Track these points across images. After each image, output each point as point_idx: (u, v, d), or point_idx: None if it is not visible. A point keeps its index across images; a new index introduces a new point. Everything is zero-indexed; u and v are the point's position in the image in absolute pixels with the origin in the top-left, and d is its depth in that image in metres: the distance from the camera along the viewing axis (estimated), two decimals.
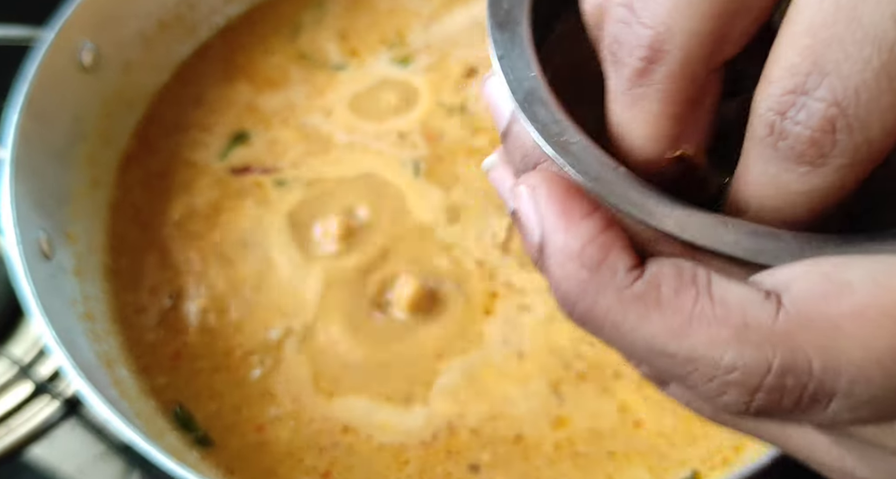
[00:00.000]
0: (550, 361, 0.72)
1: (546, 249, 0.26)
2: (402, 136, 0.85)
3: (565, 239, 0.25)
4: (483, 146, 0.83)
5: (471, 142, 0.84)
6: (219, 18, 0.93)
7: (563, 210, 0.25)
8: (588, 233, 0.25)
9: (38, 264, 0.68)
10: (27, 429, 0.81)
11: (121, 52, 0.83)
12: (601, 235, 0.25)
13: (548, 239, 0.26)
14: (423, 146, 0.84)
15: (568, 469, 0.68)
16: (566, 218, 0.25)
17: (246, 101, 0.87)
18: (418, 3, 0.95)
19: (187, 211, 0.80)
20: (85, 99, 0.80)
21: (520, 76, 0.27)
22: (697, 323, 0.24)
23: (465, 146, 0.84)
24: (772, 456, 0.58)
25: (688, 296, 0.24)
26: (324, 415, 0.70)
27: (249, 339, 0.73)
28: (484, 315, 0.74)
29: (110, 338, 0.73)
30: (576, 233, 0.25)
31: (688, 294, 0.24)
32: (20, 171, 0.70)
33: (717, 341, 0.23)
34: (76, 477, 0.79)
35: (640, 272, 0.25)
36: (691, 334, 0.24)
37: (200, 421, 0.70)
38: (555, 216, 0.25)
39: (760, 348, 0.23)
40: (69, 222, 0.76)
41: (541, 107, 0.26)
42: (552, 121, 0.26)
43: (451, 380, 0.71)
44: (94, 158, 0.81)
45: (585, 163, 0.25)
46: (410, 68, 0.89)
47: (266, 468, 0.68)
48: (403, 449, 0.69)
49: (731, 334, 0.23)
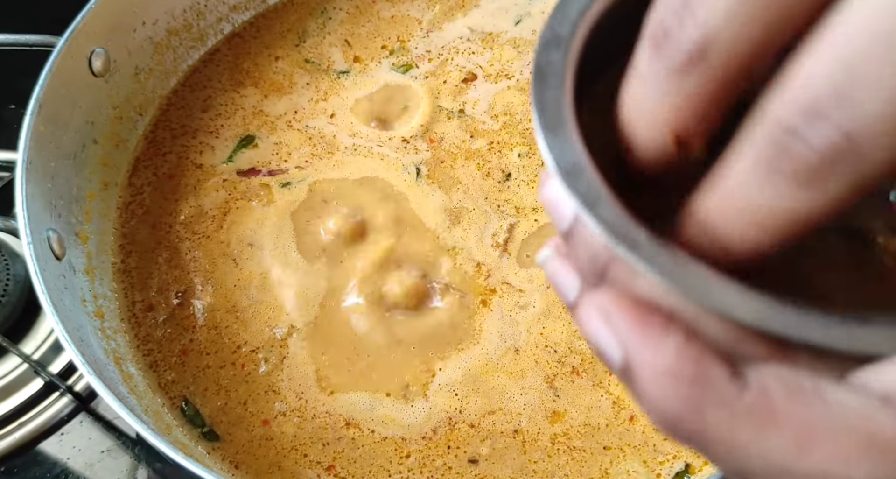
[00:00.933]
0: (545, 356, 0.74)
1: (634, 369, 0.24)
2: (404, 139, 0.86)
3: (654, 356, 0.24)
4: (481, 149, 0.85)
5: (470, 145, 0.86)
6: (226, 26, 0.94)
7: (642, 326, 0.24)
8: (675, 346, 0.24)
9: (50, 263, 0.70)
10: (38, 424, 0.83)
11: (131, 59, 0.85)
12: (688, 347, 0.24)
13: (634, 359, 0.24)
14: (424, 149, 0.85)
15: (564, 462, 0.69)
16: (648, 334, 0.24)
17: (252, 105, 0.89)
18: (419, 11, 0.97)
19: (195, 212, 0.82)
20: (96, 103, 0.81)
21: (575, 174, 0.25)
22: (821, 437, 0.22)
23: (464, 149, 0.86)
24: None
25: (803, 405, 0.22)
26: (327, 410, 0.72)
27: (255, 336, 0.75)
28: (483, 312, 0.76)
29: (119, 335, 0.75)
30: (664, 348, 0.24)
31: (803, 402, 0.22)
32: (32, 173, 0.71)
33: (848, 456, 0.22)
34: (85, 472, 0.81)
35: (744, 382, 0.23)
36: (816, 450, 0.22)
37: (207, 416, 0.72)
38: (636, 334, 0.24)
39: (893, 461, 0.21)
40: (80, 223, 0.78)
41: (604, 206, 0.25)
42: (616, 219, 0.24)
43: (451, 376, 0.73)
44: (105, 160, 0.83)
45: (658, 261, 0.24)
46: (411, 74, 0.91)
47: (271, 461, 0.70)
48: (405, 443, 0.70)
49: (861, 448, 0.22)
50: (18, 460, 0.81)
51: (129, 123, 0.86)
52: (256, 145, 0.86)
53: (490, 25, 0.95)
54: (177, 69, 0.91)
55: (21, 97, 0.74)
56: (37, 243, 0.68)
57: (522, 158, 0.84)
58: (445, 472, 0.69)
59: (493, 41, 0.94)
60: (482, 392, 0.72)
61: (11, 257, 0.90)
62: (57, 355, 0.87)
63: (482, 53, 0.93)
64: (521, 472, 0.69)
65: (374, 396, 0.72)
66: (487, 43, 0.94)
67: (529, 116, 0.88)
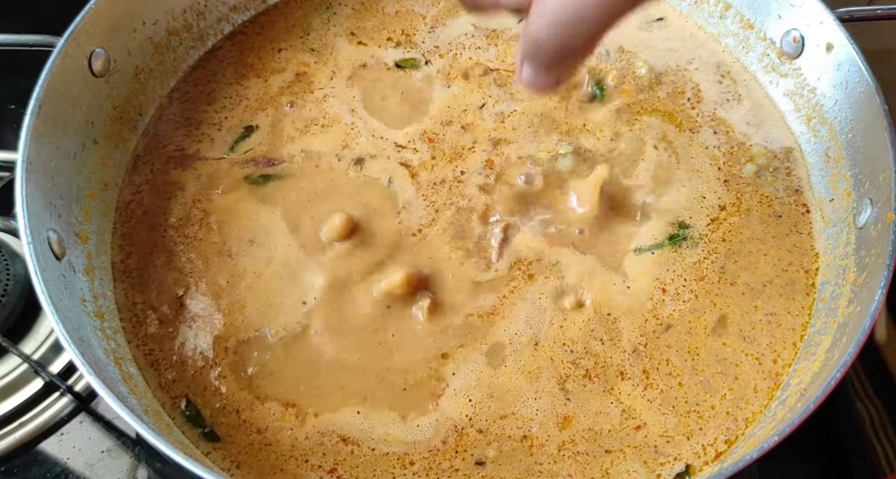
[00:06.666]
0: (561, 354, 0.74)
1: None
2: (405, 136, 0.86)
3: None
4: (481, 145, 0.85)
5: (470, 143, 0.86)
6: (226, 26, 0.94)
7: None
8: None
9: (50, 263, 0.70)
10: (38, 424, 0.83)
11: (131, 59, 0.85)
12: None
13: None
14: (423, 147, 0.85)
15: (568, 466, 0.69)
16: None
17: (256, 94, 0.89)
18: (423, 6, 0.97)
19: (193, 208, 0.82)
20: (96, 104, 0.81)
21: None
22: None
23: (464, 147, 0.85)
24: (762, 450, 0.60)
25: None
26: (319, 431, 0.71)
27: (251, 335, 0.74)
28: (489, 313, 0.76)
29: (119, 335, 0.75)
30: None
31: None
32: (32, 173, 0.71)
33: None
34: (85, 472, 0.81)
35: None
36: None
37: (207, 417, 0.72)
38: None
39: None
40: (80, 223, 0.77)
41: None
42: None
43: (465, 380, 0.73)
44: (106, 160, 0.82)
45: None
46: (416, 68, 0.91)
47: (273, 464, 0.70)
48: (412, 449, 0.70)
49: None
50: (18, 460, 0.81)
51: (130, 123, 0.86)
52: (257, 137, 0.86)
53: (494, 22, 0.95)
54: (177, 69, 0.91)
55: (21, 97, 0.74)
56: (37, 243, 0.68)
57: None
58: (452, 474, 0.69)
59: (497, 37, 0.94)
60: (497, 396, 0.72)
61: (11, 256, 0.90)
62: (57, 355, 0.87)
63: (487, 49, 0.93)
64: (526, 473, 0.69)
65: (374, 410, 0.72)
66: (492, 39, 0.94)
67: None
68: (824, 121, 0.83)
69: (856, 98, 0.78)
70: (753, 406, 0.72)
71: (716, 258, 0.79)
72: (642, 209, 0.81)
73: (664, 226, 0.80)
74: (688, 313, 0.76)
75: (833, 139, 0.82)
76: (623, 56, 0.92)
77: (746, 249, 0.79)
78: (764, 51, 0.90)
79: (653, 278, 0.78)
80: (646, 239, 0.80)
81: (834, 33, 0.80)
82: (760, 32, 0.90)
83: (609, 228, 0.80)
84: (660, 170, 0.84)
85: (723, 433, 0.71)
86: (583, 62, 0.57)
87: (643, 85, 0.90)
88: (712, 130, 0.87)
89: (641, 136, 0.86)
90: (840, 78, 0.80)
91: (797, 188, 0.83)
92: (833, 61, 0.81)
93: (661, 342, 0.74)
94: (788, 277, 0.78)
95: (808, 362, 0.72)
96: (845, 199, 0.78)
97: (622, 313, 0.76)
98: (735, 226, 0.81)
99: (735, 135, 0.87)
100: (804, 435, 0.61)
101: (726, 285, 0.77)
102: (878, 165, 0.73)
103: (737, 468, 0.60)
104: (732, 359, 0.74)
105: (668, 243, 0.79)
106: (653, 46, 0.93)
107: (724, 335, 0.75)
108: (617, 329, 0.75)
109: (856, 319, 0.68)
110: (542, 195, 0.82)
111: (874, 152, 0.74)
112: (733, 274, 0.78)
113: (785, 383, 0.72)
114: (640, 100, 0.89)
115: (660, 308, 0.76)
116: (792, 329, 0.75)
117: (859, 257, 0.73)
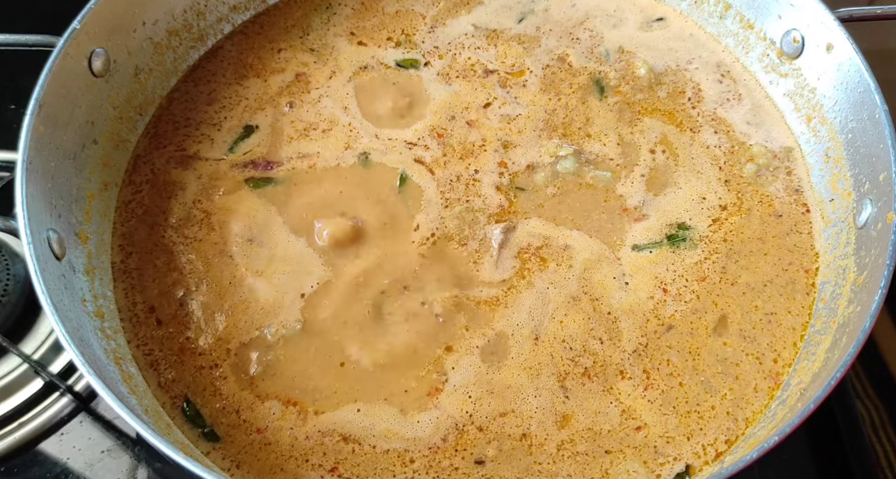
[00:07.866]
0: (561, 351, 0.74)
1: None
2: (409, 134, 0.86)
3: None
4: (489, 143, 0.85)
5: (474, 141, 0.86)
6: (226, 26, 0.94)
7: None
8: None
9: (50, 263, 0.70)
10: (38, 424, 0.83)
11: (131, 59, 0.85)
12: None
13: None
14: (430, 145, 0.85)
15: (568, 466, 0.69)
16: None
17: (255, 94, 0.89)
18: (423, 6, 0.97)
19: (193, 208, 0.81)
20: (96, 104, 0.81)
21: None
22: None
23: (470, 146, 0.85)
24: (762, 450, 0.60)
25: None
26: (320, 430, 0.71)
27: (252, 335, 0.75)
28: (495, 308, 0.76)
29: (119, 335, 0.75)
30: None
31: None
32: (32, 173, 0.71)
33: None
34: (85, 472, 0.81)
35: None
36: None
37: (207, 417, 0.72)
38: None
39: None
40: (80, 223, 0.77)
41: None
42: None
43: (464, 376, 0.73)
44: (106, 160, 0.82)
45: None
46: (416, 68, 0.91)
47: (273, 463, 0.70)
48: (408, 451, 0.70)
49: None
50: (18, 460, 0.81)
51: (130, 123, 0.86)
52: (257, 138, 0.86)
53: (494, 22, 0.95)
54: (177, 69, 0.91)
55: (21, 97, 0.74)
56: (37, 243, 0.68)
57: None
58: (452, 473, 0.69)
59: (497, 38, 0.94)
60: (497, 393, 0.72)
61: (11, 256, 0.90)
62: (57, 355, 0.87)
63: (487, 49, 0.93)
64: (526, 473, 0.69)
65: (375, 406, 0.72)
66: (492, 39, 0.94)
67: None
68: (824, 121, 0.83)
69: (856, 98, 0.78)
70: (754, 406, 0.72)
71: (717, 258, 0.79)
72: (642, 209, 0.81)
73: (662, 226, 0.81)
74: (689, 313, 0.76)
75: (833, 139, 0.82)
76: (623, 56, 0.92)
77: (747, 248, 0.80)
78: (764, 51, 0.90)
79: (652, 277, 0.78)
80: (643, 238, 0.80)
81: (834, 33, 0.80)
82: (760, 32, 0.90)
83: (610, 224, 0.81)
84: (660, 170, 0.84)
85: (723, 433, 0.71)
86: None
87: (643, 85, 0.90)
88: (713, 129, 0.87)
89: (642, 136, 0.86)
90: (840, 78, 0.80)
91: (797, 188, 0.83)
92: (833, 61, 0.81)
93: (662, 343, 0.75)
94: (789, 276, 0.78)
95: (808, 362, 0.72)
96: (845, 199, 0.78)
97: (622, 313, 0.76)
98: (736, 226, 0.81)
99: (735, 134, 0.87)
100: (804, 435, 0.61)
101: (727, 285, 0.77)
102: (878, 165, 0.74)
103: (737, 468, 0.60)
104: (733, 359, 0.74)
105: (667, 243, 0.79)
106: (653, 46, 0.93)
107: (725, 335, 0.75)
108: (617, 329, 0.75)
109: (856, 319, 0.68)
110: None
111: (874, 152, 0.74)
112: (734, 274, 0.78)
113: (785, 383, 0.72)
114: (641, 100, 0.89)
115: (661, 308, 0.76)
116: (792, 329, 0.75)
117: (859, 257, 0.73)
